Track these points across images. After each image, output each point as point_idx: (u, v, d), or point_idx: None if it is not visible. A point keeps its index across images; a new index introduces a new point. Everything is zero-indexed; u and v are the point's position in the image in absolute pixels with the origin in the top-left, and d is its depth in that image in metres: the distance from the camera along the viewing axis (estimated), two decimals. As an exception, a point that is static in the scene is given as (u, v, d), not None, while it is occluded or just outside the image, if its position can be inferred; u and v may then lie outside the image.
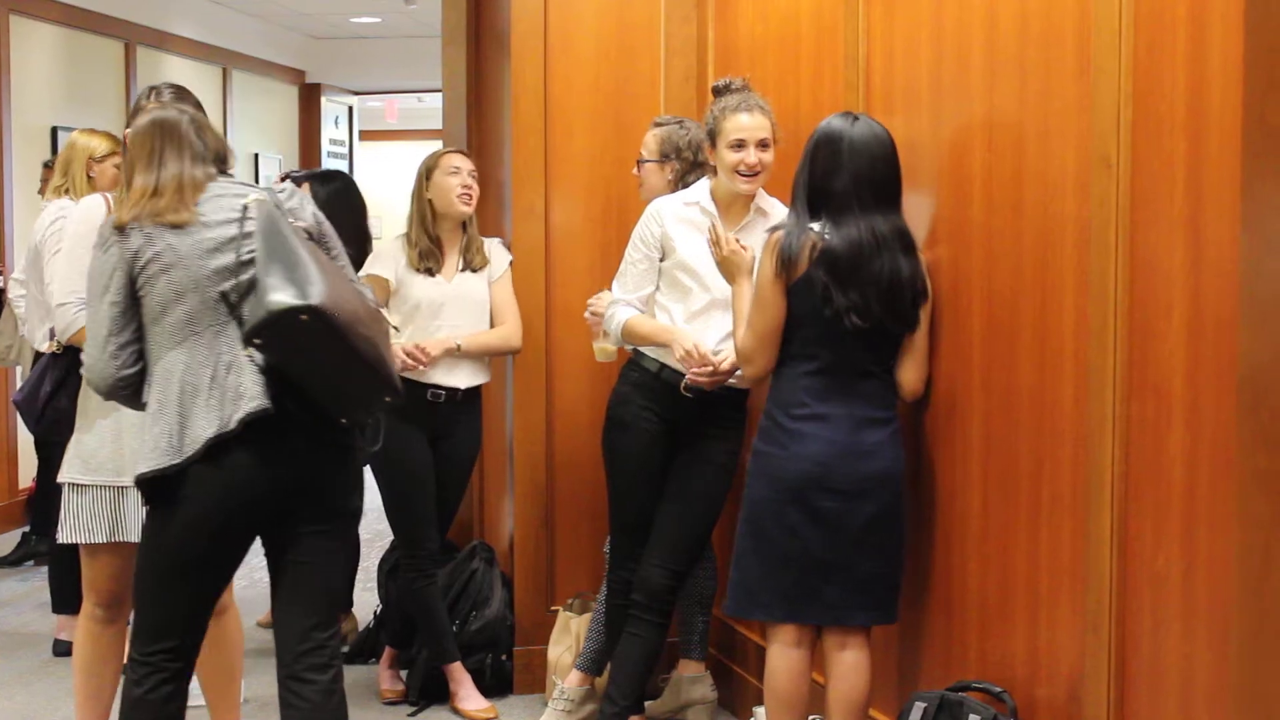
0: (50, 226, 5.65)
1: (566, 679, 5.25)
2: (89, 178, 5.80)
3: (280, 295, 3.51)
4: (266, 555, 3.87)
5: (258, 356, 3.61)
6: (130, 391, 3.77)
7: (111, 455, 4.34)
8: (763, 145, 4.63)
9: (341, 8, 12.71)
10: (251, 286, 3.63)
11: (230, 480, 3.64)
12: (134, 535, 4.31)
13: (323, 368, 3.64)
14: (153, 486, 3.68)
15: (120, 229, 3.69)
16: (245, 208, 3.70)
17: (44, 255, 5.63)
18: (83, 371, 3.82)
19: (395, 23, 13.13)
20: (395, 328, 5.22)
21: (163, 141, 3.77)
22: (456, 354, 5.36)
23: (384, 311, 5.02)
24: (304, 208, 3.84)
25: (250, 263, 3.65)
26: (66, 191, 5.76)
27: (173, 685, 3.77)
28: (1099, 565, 3.29)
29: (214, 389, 3.63)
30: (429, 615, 5.48)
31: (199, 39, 11.77)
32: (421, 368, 5.26)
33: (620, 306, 4.87)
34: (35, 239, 5.86)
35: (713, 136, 4.69)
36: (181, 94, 4.42)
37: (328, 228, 3.91)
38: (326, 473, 3.77)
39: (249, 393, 3.62)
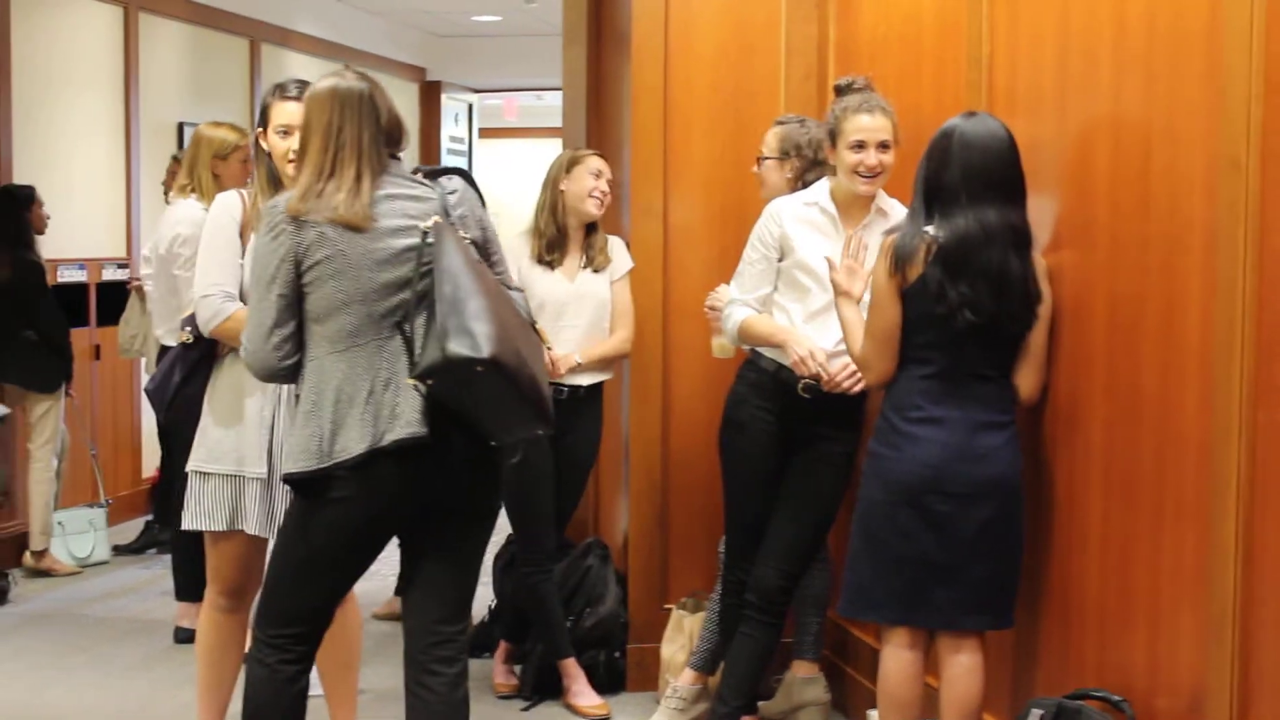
0: (178, 226, 5.72)
1: (680, 677, 5.25)
2: (215, 176, 5.87)
3: (459, 345, 3.51)
4: (402, 548, 3.91)
5: (420, 388, 3.62)
6: (287, 375, 3.80)
7: (235, 446, 4.38)
8: (883, 147, 4.60)
9: (462, 6, 12.79)
10: (419, 302, 3.63)
11: (377, 491, 3.67)
12: (252, 526, 4.37)
13: (485, 404, 3.65)
14: (299, 486, 3.73)
15: (295, 218, 3.66)
16: (425, 233, 3.67)
17: (174, 253, 5.71)
18: (241, 354, 3.85)
19: (516, 21, 13.20)
20: (550, 346, 5.24)
21: (342, 116, 3.72)
22: (577, 369, 5.40)
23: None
24: (471, 214, 3.84)
25: (419, 279, 3.65)
26: (193, 191, 5.82)
27: (296, 667, 3.81)
28: (1223, 574, 3.24)
29: (369, 403, 3.65)
30: (544, 611, 5.51)
31: (321, 36, 11.90)
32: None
33: (737, 306, 4.86)
34: (162, 236, 5.95)
35: (833, 136, 4.67)
36: (306, 88, 4.44)
37: (491, 232, 3.92)
38: (471, 482, 3.79)
39: (405, 416, 3.63)
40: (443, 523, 3.80)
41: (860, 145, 4.59)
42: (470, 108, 15.53)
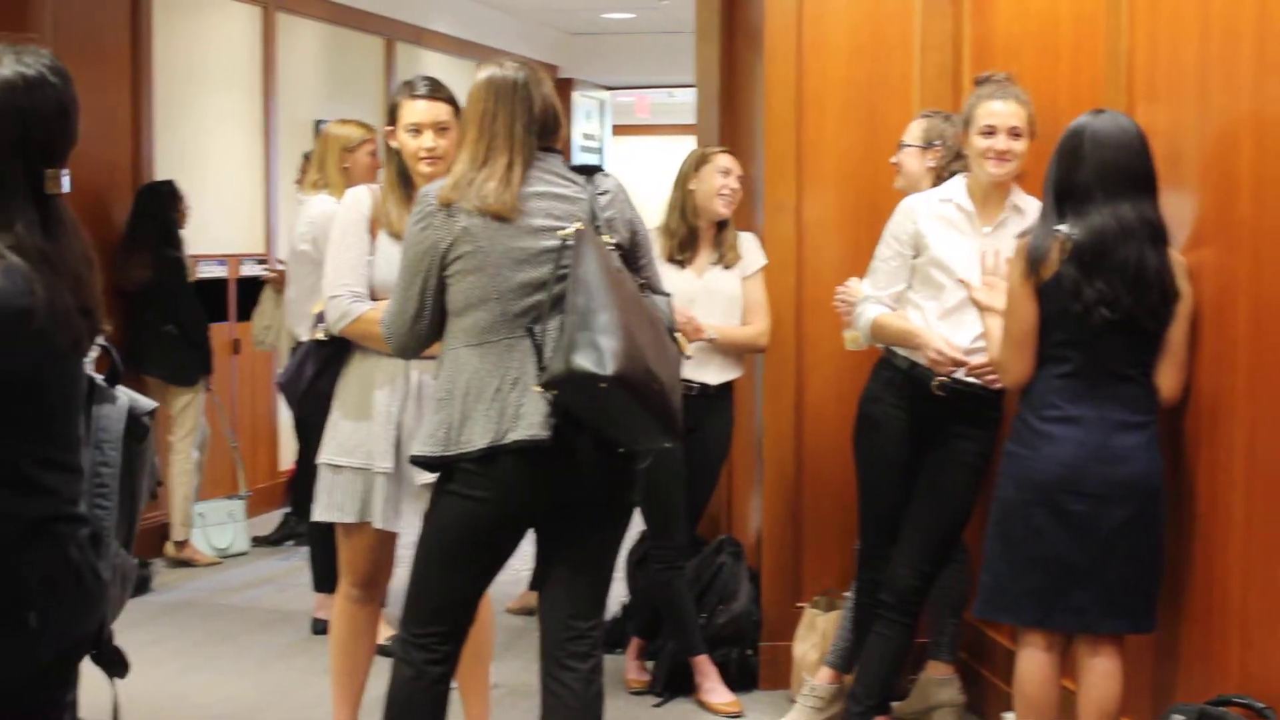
0: (310, 222, 5.79)
1: (816, 675, 5.24)
2: (344, 169, 5.93)
3: (584, 360, 3.50)
4: (538, 545, 3.91)
5: (546, 395, 3.63)
6: (421, 353, 3.88)
7: (363, 440, 4.43)
8: (1014, 134, 4.56)
9: (595, 3, 12.85)
10: (553, 306, 3.64)
11: (499, 485, 3.69)
12: (378, 520, 4.40)
13: (611, 417, 3.65)
14: (430, 471, 3.78)
15: (446, 206, 3.69)
16: (564, 240, 3.67)
17: (306, 249, 5.77)
18: (384, 336, 3.89)
19: (648, 18, 13.23)
20: (688, 355, 5.23)
21: (496, 104, 3.74)
22: (709, 345, 5.38)
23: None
24: (621, 216, 3.81)
25: (555, 282, 3.65)
26: (325, 186, 5.89)
27: (441, 668, 3.83)
28: (1371, 579, 3.17)
29: (496, 400, 3.67)
30: (676, 607, 5.51)
31: (455, 35, 12.01)
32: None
33: (869, 304, 4.83)
34: (296, 232, 6.02)
35: (966, 124, 4.63)
36: (435, 86, 4.49)
37: (641, 235, 3.89)
38: (603, 481, 3.78)
39: (529, 418, 3.64)
40: (576, 520, 3.80)
41: (990, 130, 4.55)
42: (603, 105, 15.60)
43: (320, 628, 6.36)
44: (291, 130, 9.70)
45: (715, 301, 5.46)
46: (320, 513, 4.51)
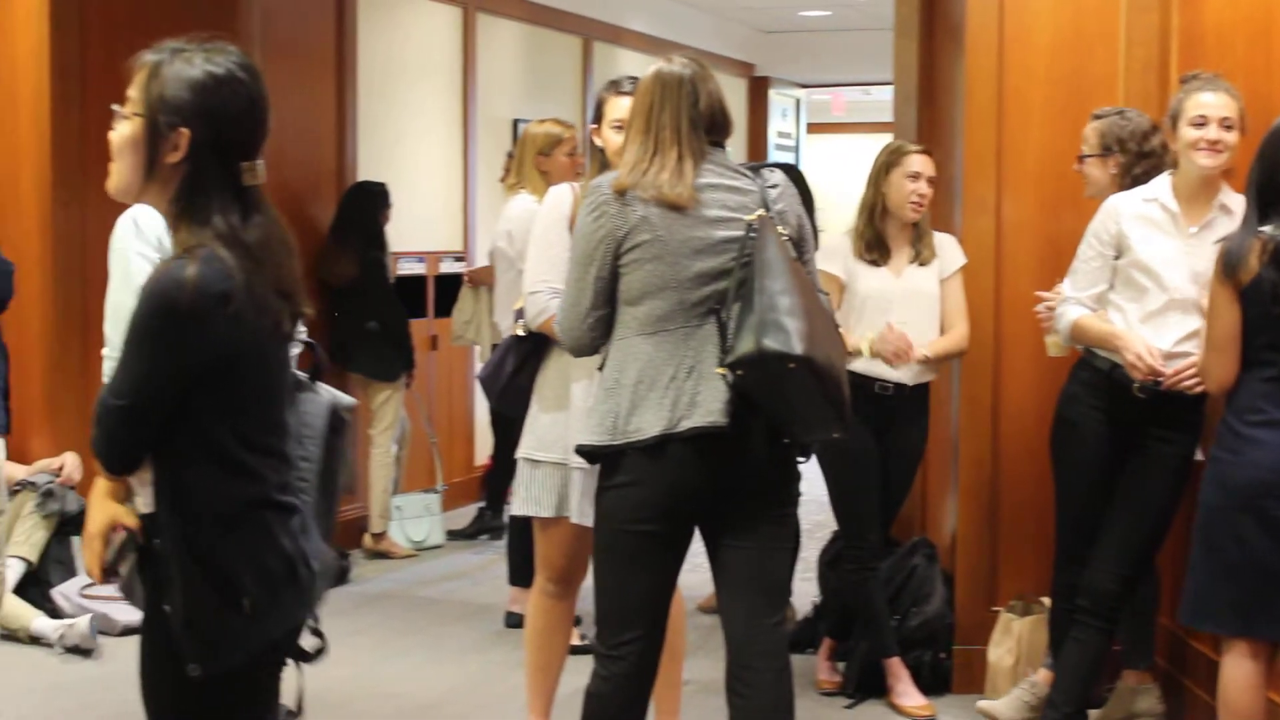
0: (510, 221, 5.86)
1: (1038, 674, 5.16)
2: (542, 172, 5.98)
3: (773, 340, 3.53)
4: (707, 541, 3.90)
5: (729, 377, 3.63)
6: (596, 351, 3.89)
7: (561, 435, 4.46)
8: (1226, 125, 4.44)
9: (791, 1, 12.81)
10: (736, 293, 3.64)
11: (668, 473, 3.69)
12: (575, 515, 4.44)
13: (788, 400, 3.64)
14: (592, 460, 3.80)
15: (621, 193, 3.72)
16: (750, 225, 3.69)
17: (506, 248, 5.83)
18: (556, 330, 3.92)
19: (844, 16, 13.15)
20: (851, 351, 5.20)
21: (662, 99, 3.77)
22: (924, 363, 5.33)
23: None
24: (790, 210, 3.82)
25: (739, 268, 3.67)
26: (522, 187, 5.95)
27: (636, 683, 3.83)
28: None
29: (670, 388, 3.68)
30: (869, 608, 5.47)
31: (652, 34, 12.05)
32: (897, 364, 5.24)
33: (1070, 305, 4.75)
34: (498, 230, 6.09)
35: (1174, 120, 4.53)
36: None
37: (807, 230, 3.91)
38: (765, 474, 3.78)
39: (706, 405, 3.65)
40: (743, 513, 3.79)
41: (1202, 121, 4.44)
42: (798, 103, 15.53)
43: (514, 621, 6.42)
44: (490, 129, 9.82)
45: (915, 302, 5.38)
46: (518, 507, 4.58)
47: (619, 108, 4.40)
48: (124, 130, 2.67)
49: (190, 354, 2.56)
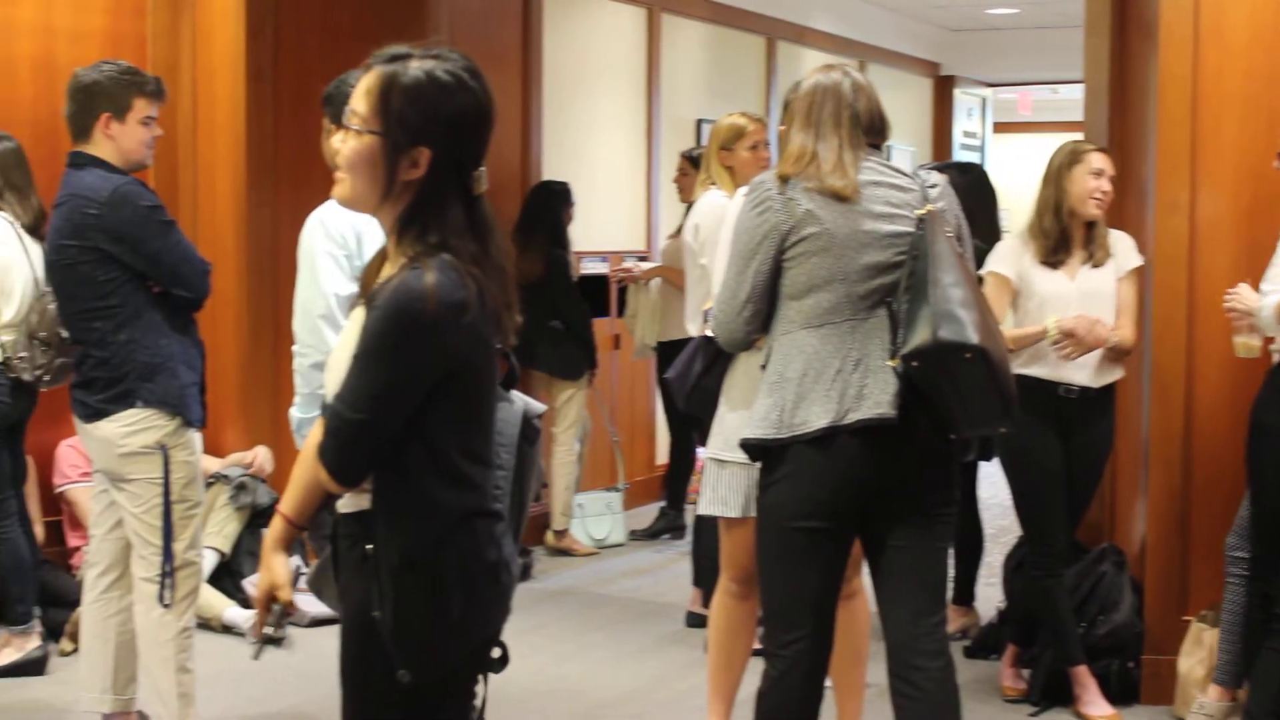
0: (699, 217, 5.84)
1: (1207, 693, 5.04)
2: (727, 168, 5.95)
3: (949, 331, 3.53)
4: (865, 544, 3.87)
5: (901, 368, 3.62)
6: (749, 346, 3.92)
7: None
8: None
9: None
10: (906, 286, 3.64)
11: (833, 467, 3.67)
12: (761, 514, 4.45)
13: (960, 392, 3.62)
14: (757, 455, 3.79)
15: (784, 182, 3.74)
16: (920, 219, 3.69)
17: (695, 244, 5.83)
18: (710, 324, 3.92)
19: (1033, 13, 12.96)
20: (1042, 332, 5.13)
21: (823, 97, 3.80)
22: (1109, 357, 5.23)
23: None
24: (949, 210, 3.82)
25: (899, 266, 3.67)
26: (712, 184, 5.93)
27: (806, 683, 3.81)
28: None
29: (836, 381, 3.66)
30: (1055, 615, 5.38)
31: (836, 33, 11.99)
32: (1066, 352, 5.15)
33: (1273, 295, 4.63)
34: (687, 227, 6.08)
35: None
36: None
37: (965, 230, 3.91)
38: (929, 472, 3.75)
39: (874, 397, 3.64)
40: (904, 511, 3.75)
41: None
42: (984, 102, 15.34)
43: (695, 621, 6.43)
44: (673, 129, 9.85)
45: (1092, 303, 5.26)
46: (704, 506, 4.59)
47: None
48: (356, 145, 2.64)
49: (429, 365, 2.57)
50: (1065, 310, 5.22)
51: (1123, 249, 5.37)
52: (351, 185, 2.67)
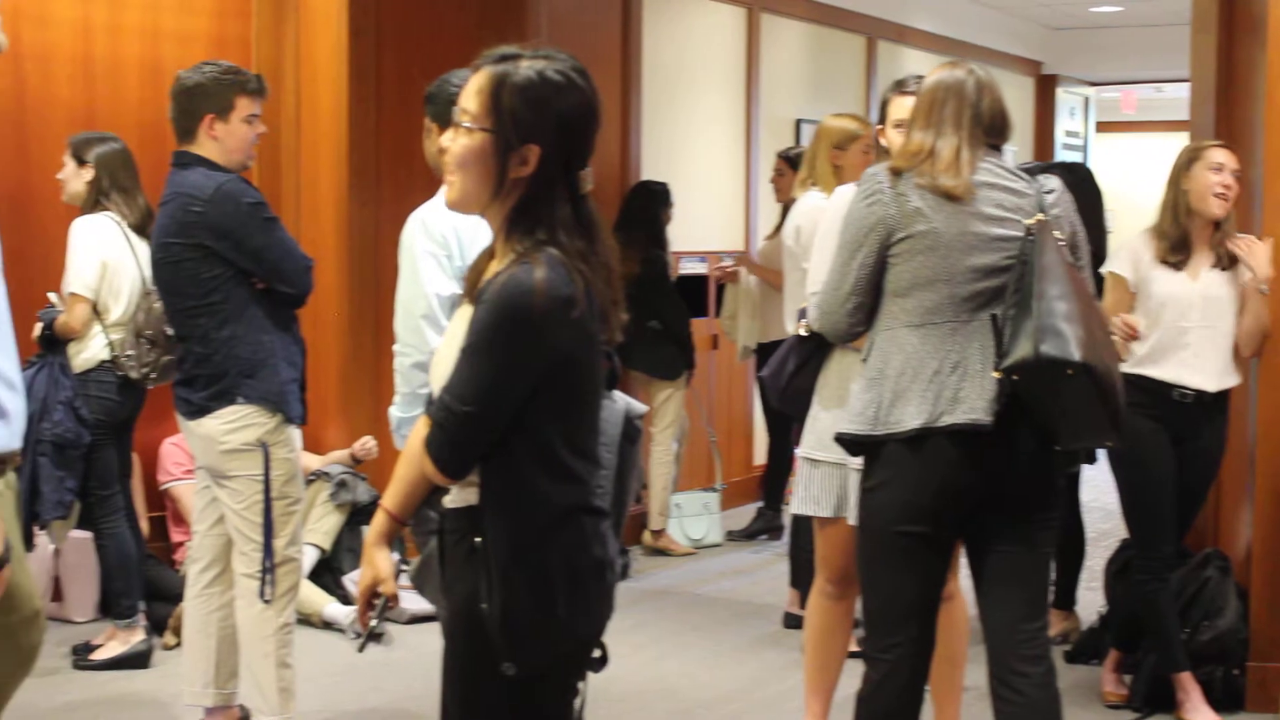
0: (799, 218, 5.82)
1: None
2: (835, 167, 5.93)
3: (1051, 346, 3.49)
4: (968, 545, 3.84)
5: (1005, 382, 3.57)
6: (853, 339, 3.89)
7: (842, 436, 4.45)
8: None
9: (1082, -3, 12.56)
10: (1011, 293, 3.60)
11: (931, 471, 3.64)
12: (853, 515, 4.40)
13: (1063, 407, 3.58)
14: (854, 449, 3.78)
15: (896, 176, 3.71)
16: (1028, 228, 3.64)
17: (796, 246, 5.81)
18: (811, 309, 3.89)
19: (1138, 11, 12.80)
20: (1124, 358, 5.05)
21: (945, 94, 3.76)
22: (1211, 349, 5.13)
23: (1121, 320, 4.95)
24: (1065, 215, 3.77)
25: (1005, 271, 3.63)
26: (813, 184, 5.91)
27: (906, 687, 3.78)
28: None
29: (933, 383, 3.63)
30: (1159, 620, 5.30)
31: (937, 32, 11.90)
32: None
33: None
34: (787, 228, 6.06)
35: None
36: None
37: (1080, 236, 3.85)
38: (1031, 478, 3.71)
39: (969, 402, 3.60)
40: (1009, 516, 3.72)
41: None
42: (1086, 101, 15.17)
43: (792, 622, 6.41)
44: (772, 130, 9.82)
45: (1214, 306, 5.18)
46: (797, 505, 4.58)
47: (901, 107, 4.39)
48: (468, 143, 2.68)
49: (537, 358, 2.60)
50: (1185, 312, 5.14)
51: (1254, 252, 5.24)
52: (461, 183, 2.71)
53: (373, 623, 2.88)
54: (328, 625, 6.38)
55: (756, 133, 9.69)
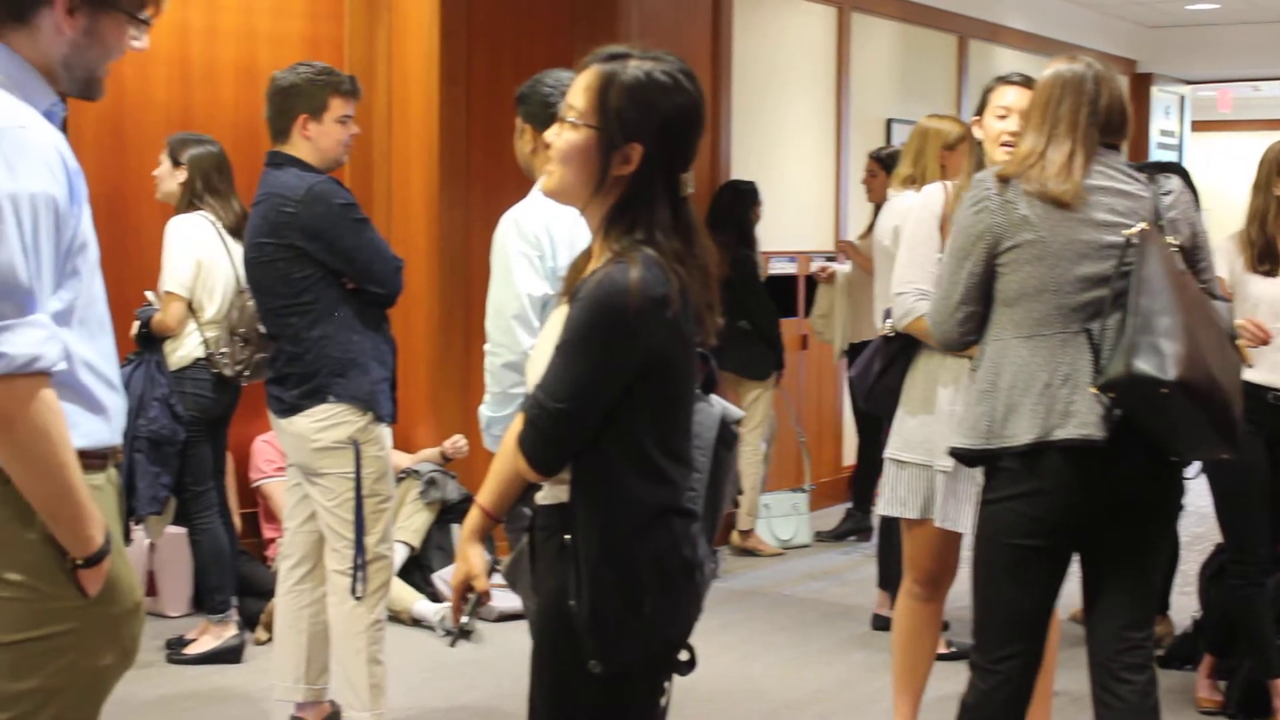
0: (894, 218, 5.79)
1: None
2: (941, 167, 5.90)
3: (1145, 363, 3.42)
4: (1082, 554, 3.80)
5: (1104, 398, 3.52)
6: (965, 348, 3.82)
7: (927, 437, 4.43)
8: None
9: (1178, -6, 12.41)
10: (1114, 303, 3.54)
11: (1047, 485, 3.60)
12: (940, 517, 4.40)
13: (1169, 422, 3.53)
14: (968, 463, 3.74)
15: (1004, 183, 3.64)
16: (1129, 239, 3.56)
17: (893, 246, 5.78)
18: (925, 320, 3.85)
19: (1234, 9, 12.64)
20: (1250, 364, 4.97)
21: (1061, 94, 3.68)
22: None
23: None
24: (1183, 217, 3.69)
25: (1117, 278, 3.56)
26: (914, 181, 5.88)
27: (1014, 700, 3.74)
28: None
29: (1044, 396, 3.58)
30: (1254, 625, 5.23)
31: (1030, 31, 11.80)
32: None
33: None
34: (881, 228, 6.03)
35: None
36: (1028, 79, 4.46)
37: (1202, 238, 3.78)
38: (1147, 490, 3.66)
39: (1080, 416, 3.55)
40: (1122, 527, 3.67)
41: None
42: (1182, 100, 14.99)
43: (881, 624, 6.39)
44: (862, 129, 9.78)
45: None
46: (884, 507, 4.57)
47: (1004, 95, 4.38)
48: (571, 138, 2.71)
49: (629, 358, 2.62)
50: (1279, 314, 5.06)
51: None
52: (561, 176, 2.73)
53: (464, 618, 2.91)
54: (417, 623, 6.42)
55: (847, 133, 9.65)
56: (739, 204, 7.98)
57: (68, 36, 2.60)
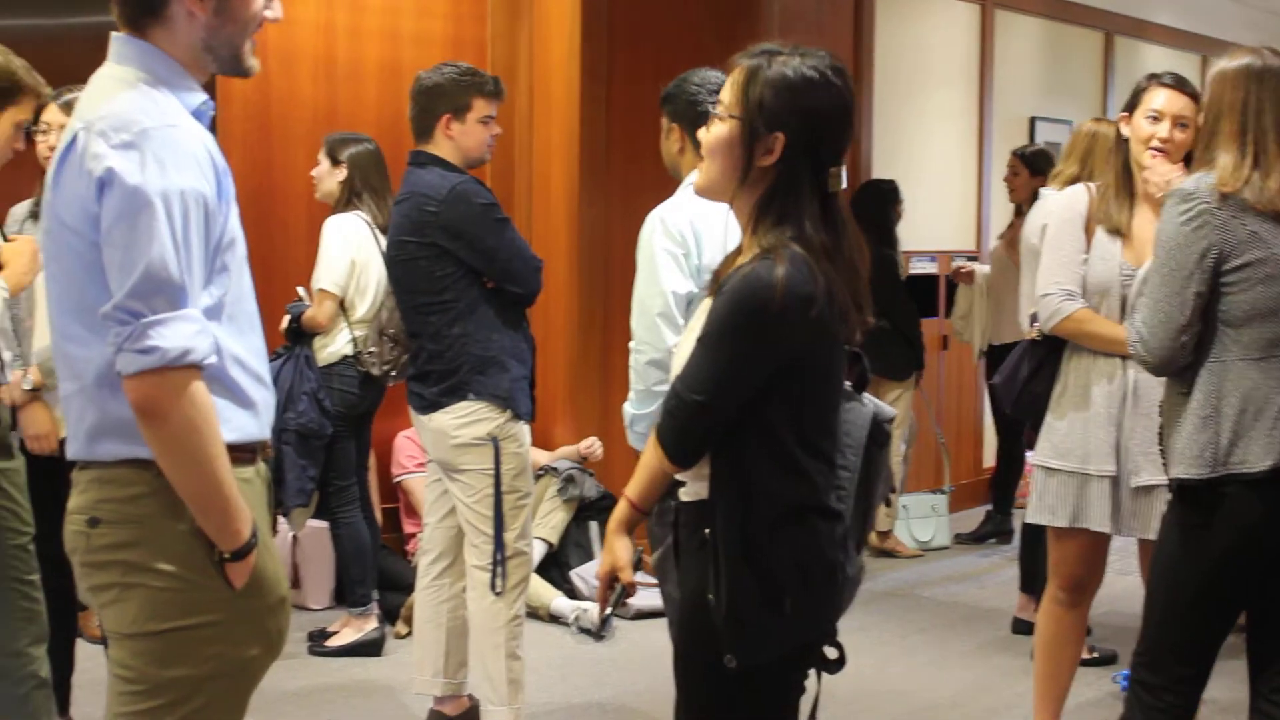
0: (1044, 217, 5.72)
1: None
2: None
3: None
4: (1262, 586, 3.65)
5: None
6: (1180, 371, 3.57)
7: (1080, 443, 4.36)
8: None
9: (1333, -12, 12.12)
10: None
11: (1273, 513, 3.46)
12: (1095, 523, 4.33)
13: None
14: (1186, 494, 3.55)
15: (1224, 203, 3.43)
16: None
17: (1037, 245, 5.71)
18: (1135, 345, 3.61)
19: (1393, 2, 12.33)
20: None
21: (1260, 95, 3.49)
22: None
23: None
24: None
25: None
26: (1079, 182, 5.80)
27: (1183, 712, 3.65)
28: None
29: (1279, 420, 3.44)
30: None
31: (1178, 26, 11.60)
32: None
33: None
34: (1030, 227, 5.97)
35: None
36: (1183, 80, 4.41)
37: None
38: None
39: None
40: None
41: None
42: (1336, 97, 14.64)
43: (1021, 627, 6.32)
44: (1005, 128, 9.68)
45: None
46: (1032, 514, 4.51)
47: (1157, 97, 4.32)
48: (719, 132, 2.74)
49: (771, 353, 2.63)
50: None
51: None
52: (709, 170, 2.76)
53: (608, 610, 2.93)
54: (554, 619, 6.45)
55: (990, 131, 9.56)
56: (879, 203, 7.93)
57: (201, 20, 2.64)
